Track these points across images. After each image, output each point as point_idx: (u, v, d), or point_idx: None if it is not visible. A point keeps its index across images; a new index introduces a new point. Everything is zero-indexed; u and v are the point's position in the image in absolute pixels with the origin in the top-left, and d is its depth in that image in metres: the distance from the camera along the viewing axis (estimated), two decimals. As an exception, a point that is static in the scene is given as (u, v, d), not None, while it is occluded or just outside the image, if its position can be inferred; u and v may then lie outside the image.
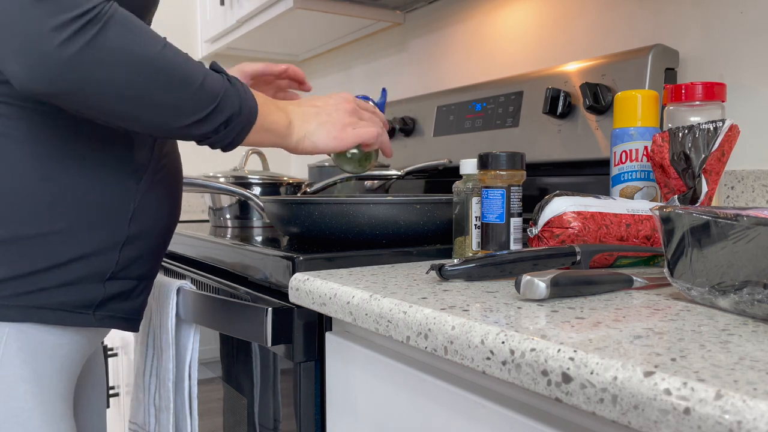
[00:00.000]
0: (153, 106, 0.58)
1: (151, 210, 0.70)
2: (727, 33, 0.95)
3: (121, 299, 0.69)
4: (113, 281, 0.67)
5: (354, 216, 0.78)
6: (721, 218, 0.45)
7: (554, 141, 1.08)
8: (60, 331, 0.64)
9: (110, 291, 0.67)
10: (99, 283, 0.65)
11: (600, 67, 1.03)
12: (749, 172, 0.91)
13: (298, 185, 1.29)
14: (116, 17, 0.54)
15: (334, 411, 0.67)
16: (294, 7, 1.52)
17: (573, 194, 0.68)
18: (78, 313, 0.64)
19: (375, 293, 0.55)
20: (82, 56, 0.52)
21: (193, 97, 0.59)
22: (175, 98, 0.58)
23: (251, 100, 0.65)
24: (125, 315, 0.70)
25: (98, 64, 0.53)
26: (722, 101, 0.74)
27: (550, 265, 0.60)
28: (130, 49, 0.55)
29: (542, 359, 0.38)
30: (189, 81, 0.59)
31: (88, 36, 0.52)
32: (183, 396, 0.85)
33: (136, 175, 0.68)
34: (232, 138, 0.64)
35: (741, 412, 0.29)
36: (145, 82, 0.56)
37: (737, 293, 0.45)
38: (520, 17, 1.33)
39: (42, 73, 0.52)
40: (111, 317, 0.68)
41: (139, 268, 0.70)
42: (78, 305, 0.64)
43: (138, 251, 0.69)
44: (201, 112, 0.60)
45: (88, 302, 0.65)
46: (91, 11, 0.52)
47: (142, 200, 0.68)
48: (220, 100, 0.61)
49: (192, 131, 0.61)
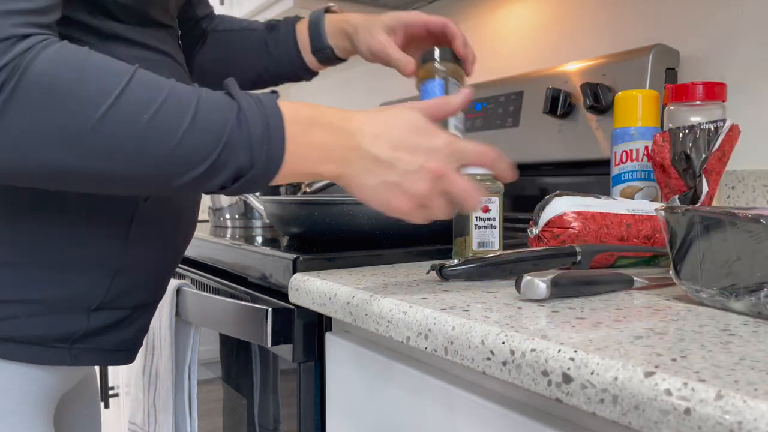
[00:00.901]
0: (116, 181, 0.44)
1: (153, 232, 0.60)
2: (728, 33, 0.95)
3: (107, 331, 0.58)
4: (100, 312, 0.57)
5: (354, 216, 0.78)
6: (741, 219, 0.45)
7: (554, 141, 1.08)
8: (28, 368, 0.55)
9: (95, 323, 0.57)
10: (82, 314, 0.56)
11: (600, 66, 1.03)
12: (750, 172, 0.91)
13: (298, 185, 1.29)
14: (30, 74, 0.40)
15: (334, 411, 0.67)
16: (294, 7, 1.52)
17: (573, 194, 0.68)
18: (51, 347, 0.54)
19: (375, 293, 0.55)
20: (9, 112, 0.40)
21: (169, 160, 0.44)
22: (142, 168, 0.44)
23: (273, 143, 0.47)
24: (111, 347, 0.59)
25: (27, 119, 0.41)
26: (723, 101, 0.74)
27: (551, 265, 0.60)
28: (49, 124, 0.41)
29: (543, 359, 0.38)
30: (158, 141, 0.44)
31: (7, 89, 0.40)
32: (183, 396, 0.85)
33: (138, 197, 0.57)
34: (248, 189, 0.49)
35: (741, 412, 0.29)
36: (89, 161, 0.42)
37: (754, 295, 0.44)
38: (520, 17, 1.33)
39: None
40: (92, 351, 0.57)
41: (136, 296, 0.60)
42: (53, 338, 0.54)
43: (135, 279, 0.59)
44: (189, 174, 0.45)
45: (65, 336, 0.55)
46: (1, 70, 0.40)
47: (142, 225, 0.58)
48: (217, 155, 0.45)
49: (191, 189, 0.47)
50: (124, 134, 0.43)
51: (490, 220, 0.72)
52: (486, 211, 0.72)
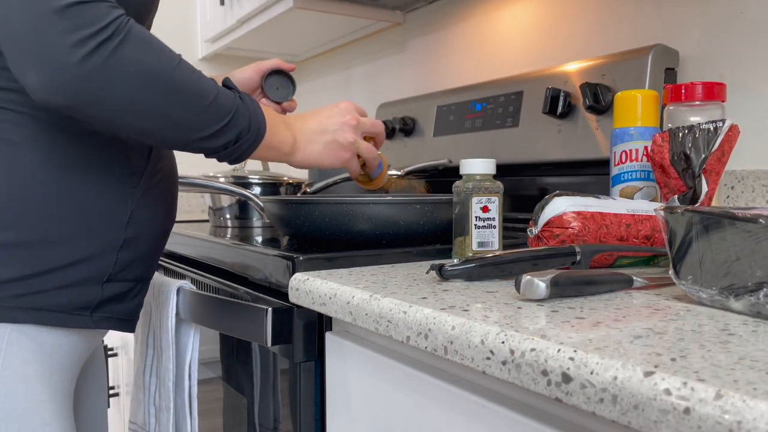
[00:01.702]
0: (166, 121, 0.59)
1: (148, 213, 0.70)
2: (727, 33, 0.95)
3: (118, 301, 0.69)
4: (111, 283, 0.67)
5: (354, 216, 0.78)
6: (740, 218, 0.45)
7: (554, 141, 1.08)
8: (59, 332, 0.65)
9: (108, 293, 0.67)
10: (97, 286, 0.66)
11: (600, 67, 1.03)
12: (749, 172, 0.91)
13: (298, 185, 1.29)
14: (133, 33, 0.56)
15: (334, 411, 0.67)
16: (294, 7, 1.52)
17: (573, 194, 0.68)
18: (76, 314, 0.65)
19: (375, 293, 0.55)
20: (100, 71, 0.53)
21: (204, 113, 0.61)
22: (188, 114, 0.60)
23: (261, 118, 0.67)
24: (122, 316, 0.70)
25: (115, 79, 0.55)
26: (722, 101, 0.74)
27: (550, 265, 0.60)
28: (146, 64, 0.56)
29: (542, 359, 0.38)
30: (201, 97, 0.60)
31: (107, 51, 0.53)
32: (183, 396, 0.85)
33: (133, 178, 0.68)
34: (240, 154, 0.66)
35: (741, 412, 0.29)
36: (160, 97, 0.57)
37: (753, 295, 0.45)
38: (520, 17, 1.33)
39: (60, 86, 0.53)
40: (108, 318, 0.68)
41: (136, 270, 0.70)
42: (76, 307, 0.65)
43: (135, 254, 0.69)
44: (212, 128, 0.62)
45: (86, 304, 0.65)
46: (109, 26, 0.53)
47: (139, 204, 0.69)
48: (231, 117, 0.63)
49: (201, 146, 0.63)
50: (187, 84, 0.60)
51: (489, 220, 0.72)
52: (486, 211, 0.72)
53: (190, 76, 0.60)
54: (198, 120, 0.61)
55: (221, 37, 1.95)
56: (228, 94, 0.64)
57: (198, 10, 2.12)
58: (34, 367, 0.63)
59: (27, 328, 0.62)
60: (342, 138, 0.76)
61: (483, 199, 0.72)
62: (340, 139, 0.76)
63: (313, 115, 0.77)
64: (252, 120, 0.66)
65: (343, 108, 0.78)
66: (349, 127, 0.77)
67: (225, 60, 2.19)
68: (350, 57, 1.94)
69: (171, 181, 0.75)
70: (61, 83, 0.53)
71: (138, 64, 0.56)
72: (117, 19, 0.54)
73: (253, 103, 0.67)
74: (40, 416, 0.63)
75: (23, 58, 0.53)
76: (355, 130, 0.78)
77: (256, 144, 0.67)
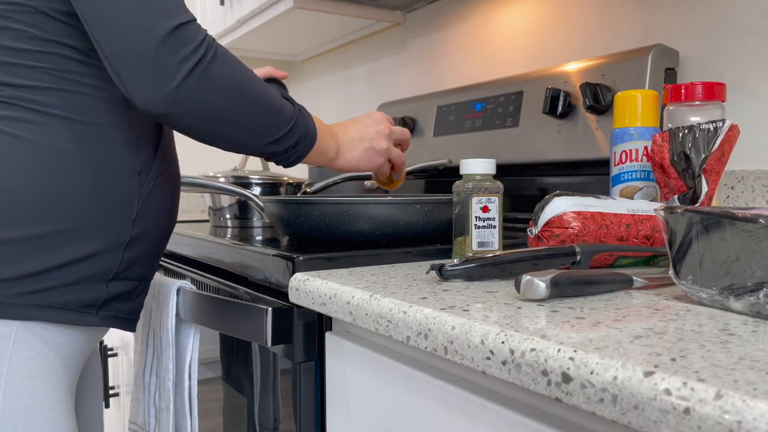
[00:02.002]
0: (244, 128, 0.66)
1: (154, 212, 0.71)
2: (727, 33, 0.95)
3: (123, 299, 0.70)
4: (116, 282, 0.68)
5: (354, 216, 0.78)
6: (740, 218, 0.45)
7: (554, 141, 1.08)
8: (65, 329, 0.65)
9: (113, 291, 0.68)
10: (102, 284, 0.67)
11: (600, 67, 1.03)
12: (749, 172, 0.91)
13: (298, 185, 1.29)
14: (219, 49, 0.62)
15: (334, 411, 0.67)
16: (294, 7, 1.52)
17: (573, 194, 0.68)
18: (83, 312, 0.66)
19: (375, 293, 0.55)
20: (198, 85, 0.60)
21: (274, 121, 0.68)
22: (262, 122, 0.67)
23: (313, 127, 0.74)
24: (125, 315, 0.71)
25: (208, 92, 0.61)
26: (722, 101, 0.74)
27: (550, 265, 0.60)
28: (231, 78, 0.63)
29: (542, 359, 0.38)
30: (272, 107, 0.67)
31: (203, 67, 0.60)
32: (183, 396, 0.85)
33: (140, 177, 0.69)
34: (296, 157, 0.73)
35: (741, 412, 0.29)
36: (241, 107, 0.64)
37: (753, 295, 0.45)
38: (520, 17, 1.33)
39: (167, 99, 0.59)
40: (113, 317, 0.69)
41: (140, 269, 0.72)
42: (83, 305, 0.65)
43: (140, 252, 0.71)
44: (278, 134, 0.69)
45: (92, 302, 0.66)
46: (203, 44, 0.60)
47: (145, 202, 0.70)
48: (293, 124, 0.70)
49: (268, 150, 0.70)
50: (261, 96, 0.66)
51: (489, 220, 0.72)
52: (486, 211, 0.72)
53: (263, 89, 0.66)
54: (269, 127, 0.67)
55: (221, 37, 1.95)
56: (289, 104, 0.71)
57: (198, 10, 2.12)
58: (39, 366, 0.63)
59: (33, 326, 0.63)
60: (378, 145, 0.84)
61: (483, 199, 0.72)
62: (376, 146, 0.84)
63: (352, 125, 0.84)
64: (308, 128, 0.73)
65: (378, 118, 0.86)
66: (384, 135, 0.85)
67: (225, 60, 2.19)
68: (350, 57, 1.94)
69: (175, 182, 0.77)
70: (168, 97, 0.59)
71: (225, 78, 0.62)
72: (206, 37, 0.61)
73: (307, 113, 0.74)
74: (44, 415, 0.63)
75: (135, 76, 0.58)
76: (388, 138, 0.85)
77: (309, 149, 0.74)
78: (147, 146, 0.70)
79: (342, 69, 1.99)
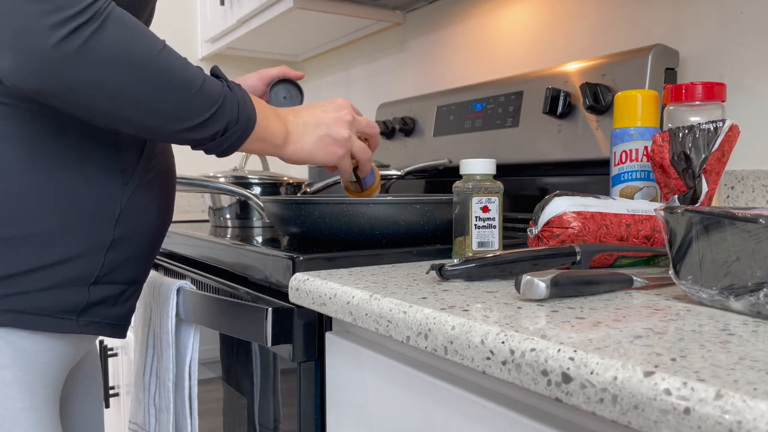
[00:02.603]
0: (147, 109, 0.56)
1: (140, 212, 0.67)
2: (727, 33, 0.95)
3: (108, 305, 0.66)
4: (98, 286, 0.64)
5: (354, 216, 0.78)
6: (740, 218, 0.45)
7: (554, 141, 1.08)
8: (39, 336, 0.61)
9: (95, 296, 0.64)
10: (83, 288, 0.63)
11: (600, 67, 1.03)
12: (749, 172, 0.91)
13: (298, 185, 1.29)
14: (113, 16, 0.53)
15: (334, 411, 0.67)
16: (294, 7, 1.52)
17: (573, 194, 0.68)
18: (60, 318, 0.61)
19: (375, 293, 0.55)
20: (77, 56, 0.51)
21: (189, 102, 0.58)
22: (171, 102, 0.57)
23: (250, 109, 0.64)
24: (111, 321, 0.67)
25: (93, 65, 0.52)
26: (722, 101, 0.74)
27: (550, 265, 0.60)
28: (126, 50, 0.53)
29: (542, 359, 0.38)
30: (186, 85, 0.58)
31: (84, 35, 0.51)
32: (183, 396, 0.85)
33: (124, 175, 0.65)
34: (228, 146, 0.63)
35: (741, 412, 0.29)
36: (141, 84, 0.55)
37: (753, 295, 0.45)
38: (520, 17, 1.33)
39: (35, 70, 0.50)
40: (96, 323, 0.65)
41: (127, 272, 0.68)
42: (61, 310, 0.61)
43: (125, 254, 0.66)
44: (197, 119, 0.59)
45: (71, 307, 0.62)
46: (87, 9, 0.51)
47: (129, 202, 0.66)
48: (218, 107, 0.60)
49: (187, 136, 0.60)
50: (170, 71, 0.57)
51: (489, 220, 0.72)
52: (486, 211, 0.72)
53: (174, 63, 0.57)
54: (182, 109, 0.58)
55: (221, 37, 1.95)
56: (215, 82, 0.61)
57: (198, 10, 2.12)
58: (13, 373, 0.60)
59: (5, 332, 0.59)
60: (336, 133, 0.73)
61: (483, 199, 0.72)
62: (334, 134, 0.73)
63: (307, 109, 0.74)
64: (241, 110, 0.63)
65: (339, 104, 0.75)
66: (344, 122, 0.74)
67: (225, 60, 2.19)
68: (350, 57, 1.94)
69: (166, 178, 0.72)
70: (36, 67, 0.50)
71: (116, 50, 0.53)
72: (97, 2, 0.52)
73: (242, 93, 0.64)
74: (20, 425, 0.60)
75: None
76: (350, 126, 0.75)
77: (246, 135, 0.64)
78: (133, 141, 0.66)
79: (342, 69, 1.99)
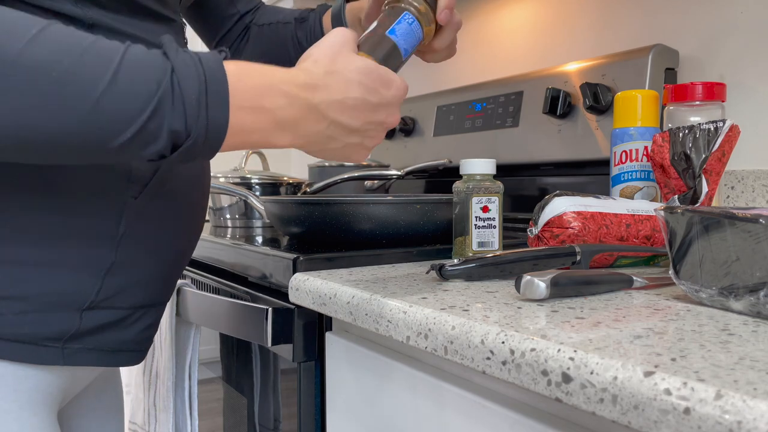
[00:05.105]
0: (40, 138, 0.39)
1: (151, 230, 0.57)
2: (727, 33, 0.95)
3: (106, 330, 0.56)
4: (94, 311, 0.54)
5: (354, 216, 0.78)
6: (740, 219, 0.45)
7: (554, 141, 1.08)
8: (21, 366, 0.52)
9: (89, 323, 0.54)
10: (74, 313, 0.53)
11: (600, 67, 1.03)
12: (749, 172, 0.91)
13: (298, 185, 1.29)
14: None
15: (334, 411, 0.67)
16: (293, 7, 1.52)
17: (573, 194, 0.68)
18: (40, 346, 0.52)
19: (375, 293, 0.56)
20: None
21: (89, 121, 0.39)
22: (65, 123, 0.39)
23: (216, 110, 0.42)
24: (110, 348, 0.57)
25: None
26: (722, 101, 0.74)
27: (550, 265, 0.60)
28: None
29: (542, 359, 0.38)
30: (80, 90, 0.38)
31: None
32: (183, 396, 0.85)
33: (133, 187, 0.55)
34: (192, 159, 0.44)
35: (741, 412, 0.29)
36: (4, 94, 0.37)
37: (753, 295, 0.45)
38: (521, 17, 1.33)
39: None
40: (86, 350, 0.55)
41: (133, 297, 0.57)
42: (43, 337, 0.52)
43: (130, 279, 0.56)
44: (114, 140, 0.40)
45: (56, 334, 0.52)
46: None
47: (138, 219, 0.55)
48: (146, 120, 0.40)
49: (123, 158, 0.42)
50: (41, 79, 0.38)
51: (489, 220, 0.72)
52: (486, 211, 0.72)
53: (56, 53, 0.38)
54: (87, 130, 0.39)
55: (221, 37, 1.95)
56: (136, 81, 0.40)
57: (198, 10, 2.12)
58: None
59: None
60: (371, 142, 0.52)
61: (483, 199, 0.72)
62: (368, 143, 0.52)
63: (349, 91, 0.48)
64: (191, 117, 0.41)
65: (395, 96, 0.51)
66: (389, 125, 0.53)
67: (225, 60, 2.18)
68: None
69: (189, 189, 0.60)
70: None
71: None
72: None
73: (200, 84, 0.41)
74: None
75: None
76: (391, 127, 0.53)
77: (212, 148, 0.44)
78: None
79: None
